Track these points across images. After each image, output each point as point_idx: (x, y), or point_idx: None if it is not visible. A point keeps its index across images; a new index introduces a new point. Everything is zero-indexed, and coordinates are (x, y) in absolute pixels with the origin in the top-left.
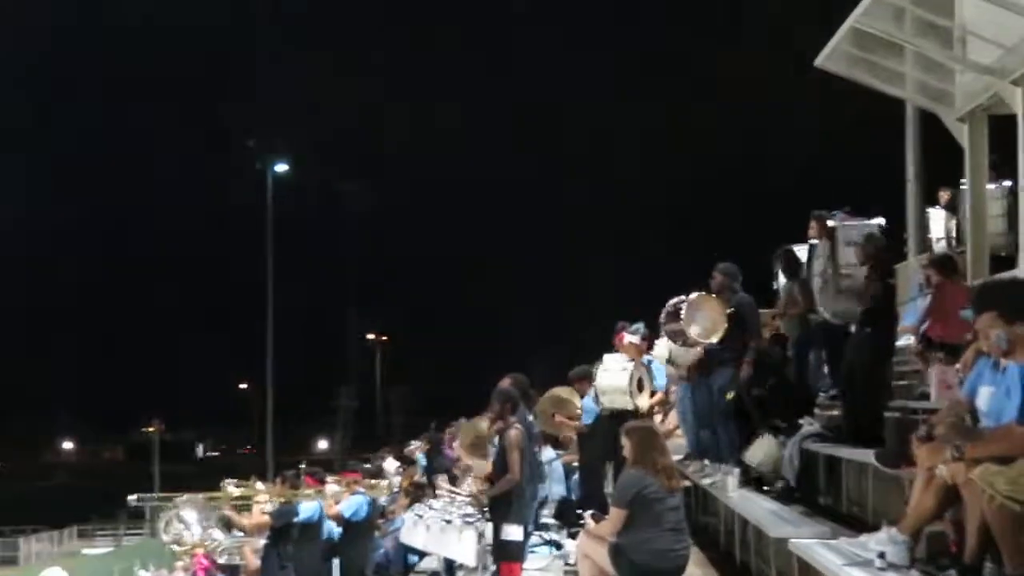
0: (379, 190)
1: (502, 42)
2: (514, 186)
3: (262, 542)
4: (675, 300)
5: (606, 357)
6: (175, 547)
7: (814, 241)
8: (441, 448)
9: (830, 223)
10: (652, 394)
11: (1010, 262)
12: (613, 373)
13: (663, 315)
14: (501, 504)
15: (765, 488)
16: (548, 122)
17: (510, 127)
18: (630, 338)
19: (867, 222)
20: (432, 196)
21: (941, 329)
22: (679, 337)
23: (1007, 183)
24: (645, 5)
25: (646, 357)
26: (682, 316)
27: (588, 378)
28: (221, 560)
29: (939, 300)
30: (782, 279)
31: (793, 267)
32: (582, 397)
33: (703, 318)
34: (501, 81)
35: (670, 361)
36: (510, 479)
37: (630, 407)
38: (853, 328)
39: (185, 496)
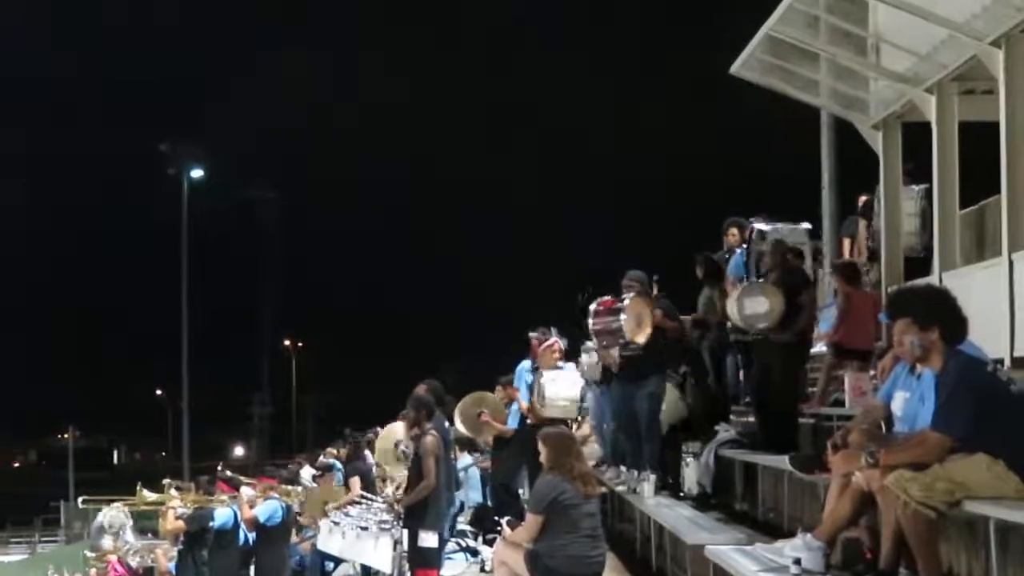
0: (294, 196)
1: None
2: (427, 190)
3: (176, 548)
4: (600, 300)
5: (547, 373)
6: (86, 553)
7: (734, 247)
8: (360, 453)
9: (760, 227)
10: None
11: (924, 264)
12: (561, 384)
13: (591, 314)
14: (417, 511)
15: (681, 495)
16: (470, 120)
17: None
18: (550, 341)
19: (794, 227)
20: (346, 201)
21: (847, 336)
22: (605, 336)
23: (924, 186)
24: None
25: (562, 365)
26: (623, 315)
27: (511, 383)
28: (133, 563)
29: (846, 308)
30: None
31: (713, 273)
32: (509, 403)
33: (631, 317)
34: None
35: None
36: (426, 485)
37: (567, 417)
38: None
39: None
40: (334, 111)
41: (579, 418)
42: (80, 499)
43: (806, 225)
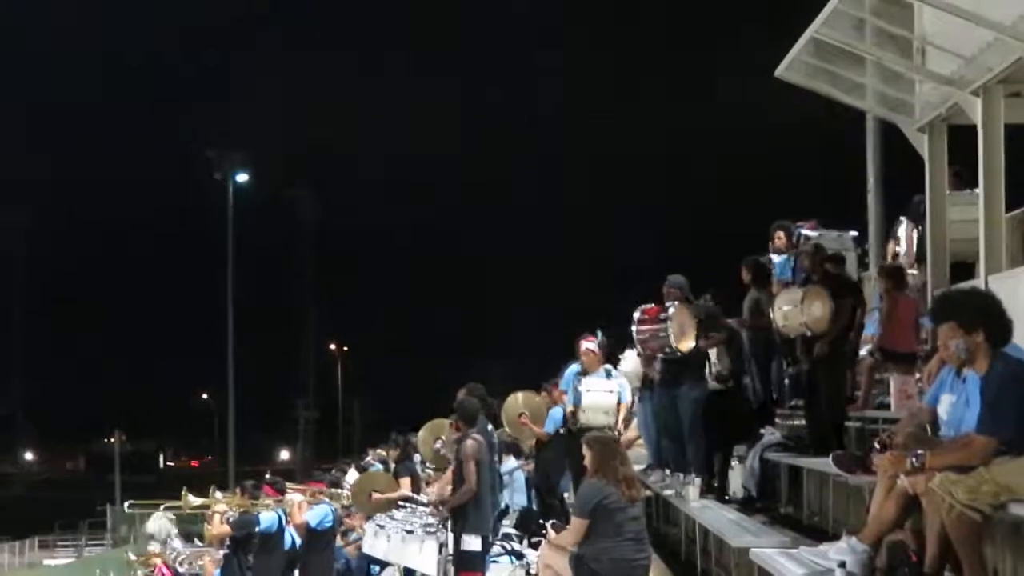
0: (338, 197)
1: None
2: (477, 192)
3: (222, 552)
4: (643, 308)
5: (586, 379)
6: (131, 556)
7: (781, 251)
8: (409, 454)
9: (807, 232)
10: (619, 406)
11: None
12: (597, 394)
13: (636, 322)
14: (460, 514)
15: (727, 498)
16: (511, 125)
17: (478, 131)
18: (587, 345)
19: (841, 233)
20: (395, 206)
21: (892, 340)
22: (651, 344)
23: (976, 191)
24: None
25: (603, 368)
26: (669, 323)
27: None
28: (181, 570)
29: (890, 311)
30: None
31: (760, 277)
32: (555, 405)
33: (676, 325)
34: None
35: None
36: (467, 490)
37: (606, 424)
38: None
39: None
40: (374, 110)
41: (619, 426)
42: (127, 503)
43: (853, 233)
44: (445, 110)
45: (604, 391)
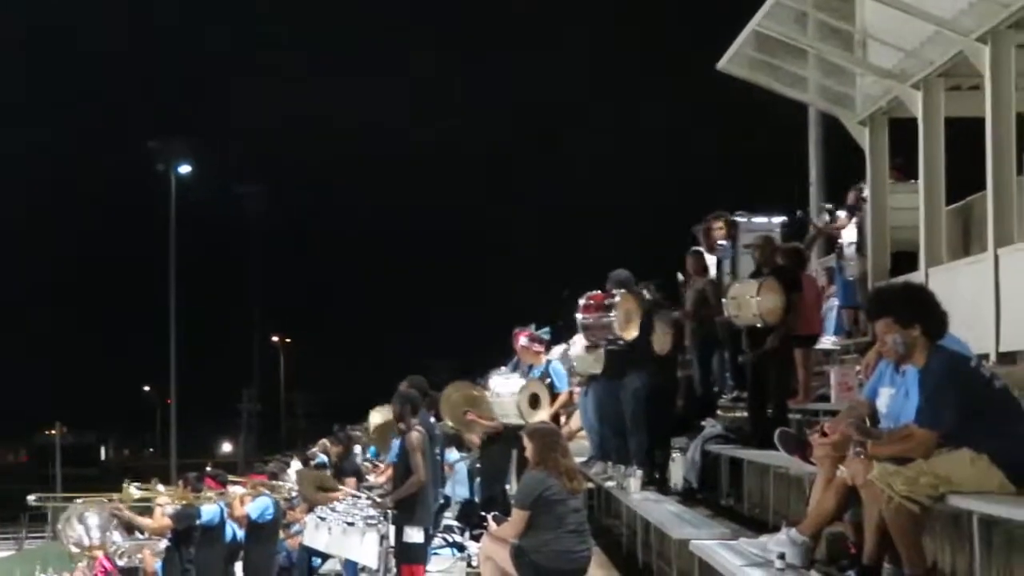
0: (282, 192)
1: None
2: (424, 188)
3: (162, 544)
4: (589, 295)
5: (495, 380)
6: (73, 549)
7: (722, 242)
8: (351, 453)
9: (736, 219)
10: (553, 399)
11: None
12: (504, 398)
13: (580, 308)
14: (404, 506)
15: (668, 490)
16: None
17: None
18: (523, 342)
19: (769, 219)
20: (335, 199)
21: (803, 323)
22: (595, 331)
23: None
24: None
25: (545, 359)
26: (614, 311)
27: None
28: (121, 563)
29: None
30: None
31: (704, 268)
32: None
33: (621, 313)
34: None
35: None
36: (415, 481)
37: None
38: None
39: (83, 499)
40: (323, 108)
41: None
42: (32, 497)
43: (780, 218)
44: (394, 104)
45: (507, 393)
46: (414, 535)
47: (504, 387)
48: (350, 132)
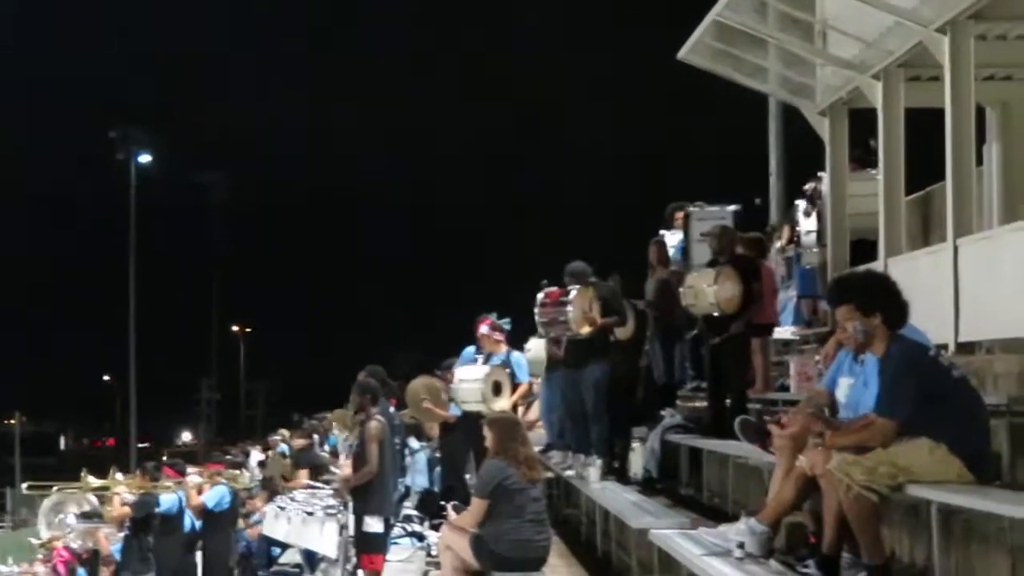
0: (241, 181)
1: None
2: (377, 176)
3: (122, 534)
4: (546, 291)
5: (460, 367)
6: (32, 540)
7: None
8: (311, 444)
9: (690, 209)
10: (514, 389)
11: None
12: (468, 384)
13: (538, 305)
14: (362, 496)
15: (628, 479)
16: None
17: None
18: (484, 330)
19: (722, 208)
20: (294, 187)
21: (759, 312)
22: (552, 327)
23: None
24: None
25: (504, 349)
26: (569, 307)
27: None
28: (74, 545)
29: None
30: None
31: (666, 258)
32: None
33: (576, 309)
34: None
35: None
36: (368, 471)
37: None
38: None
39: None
40: (286, 99)
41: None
42: (25, 485)
43: (733, 207)
44: (351, 87)
45: (471, 379)
46: (373, 524)
47: (468, 373)
48: (312, 119)
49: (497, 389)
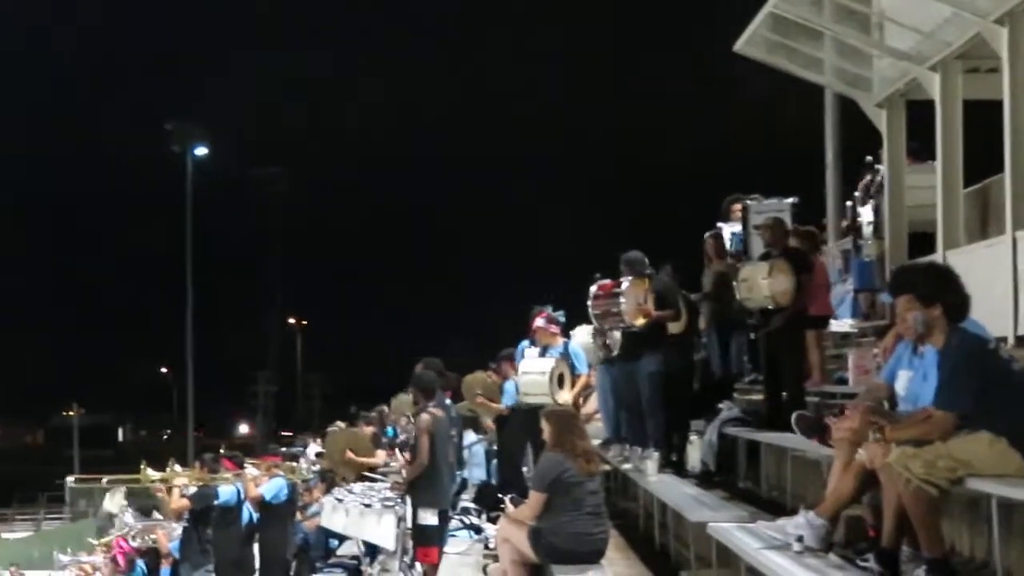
0: (299, 174)
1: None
2: (434, 171)
3: (181, 526)
4: (599, 284)
5: (525, 359)
6: (93, 541)
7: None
8: (382, 433)
9: (747, 202)
10: (573, 383)
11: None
12: (533, 376)
13: (591, 298)
14: (416, 489)
15: (685, 472)
16: (466, 106)
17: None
18: (540, 323)
19: (780, 200)
20: (354, 181)
21: (812, 305)
22: (606, 319)
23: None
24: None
25: (561, 341)
26: (622, 299)
27: (511, 360)
28: (135, 544)
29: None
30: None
31: (723, 251)
32: (505, 380)
33: (630, 300)
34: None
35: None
36: (418, 464)
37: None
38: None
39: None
40: (340, 88)
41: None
42: (70, 478)
43: (791, 200)
44: (418, 86)
45: (536, 372)
46: (428, 517)
47: (533, 366)
48: (372, 111)
49: (560, 381)
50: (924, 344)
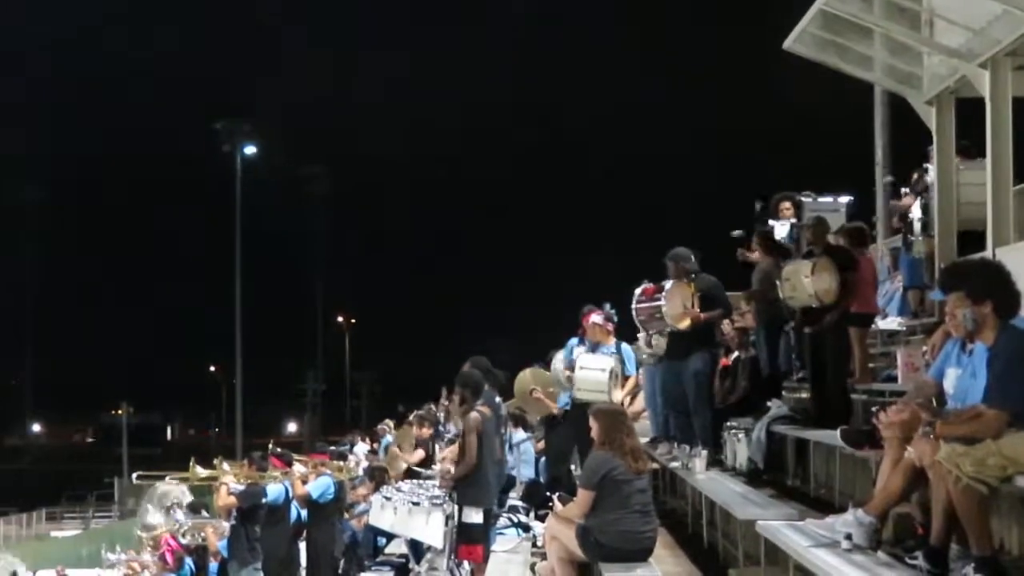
0: (346, 173)
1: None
2: (479, 171)
3: (229, 524)
4: (643, 287)
5: (582, 355)
6: (138, 532)
7: (791, 221)
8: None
9: (801, 199)
10: (623, 383)
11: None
12: (592, 372)
13: (635, 300)
14: (462, 487)
15: (733, 470)
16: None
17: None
18: (597, 319)
19: (835, 199)
20: (401, 180)
21: (856, 303)
22: (651, 323)
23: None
24: None
25: (613, 341)
26: (663, 302)
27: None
28: (184, 541)
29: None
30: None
31: (771, 249)
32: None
33: (671, 305)
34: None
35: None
36: (467, 463)
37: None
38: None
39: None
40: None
41: (624, 398)
42: (135, 475)
43: (846, 198)
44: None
45: (596, 368)
46: (472, 515)
47: (593, 362)
48: (419, 110)
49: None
50: (974, 341)
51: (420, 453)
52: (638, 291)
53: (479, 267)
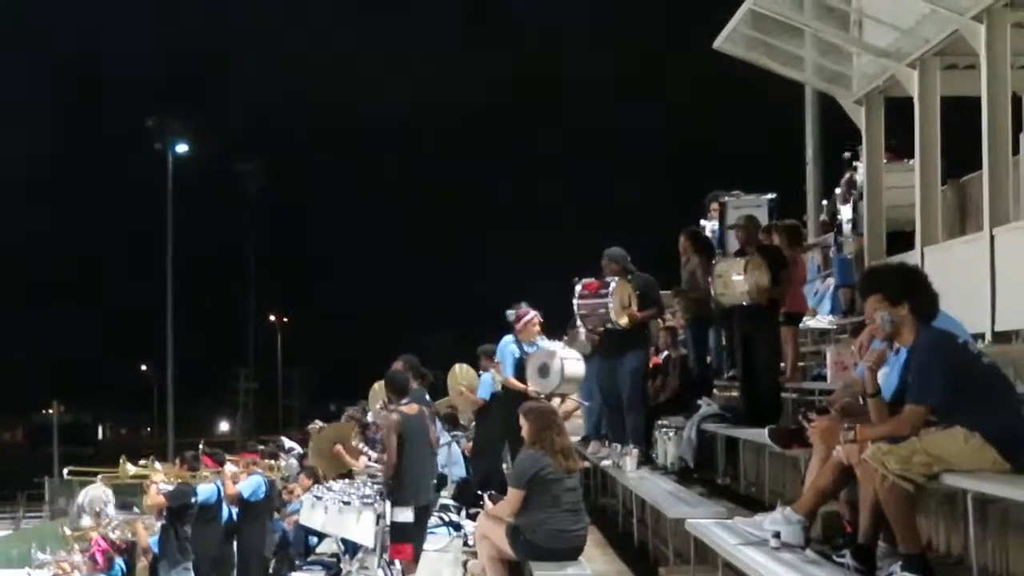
0: (277, 171)
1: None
2: (411, 165)
3: (159, 523)
4: (584, 283)
5: (560, 349)
6: (66, 531)
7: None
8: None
9: (724, 199)
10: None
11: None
12: (577, 363)
13: (577, 296)
14: (389, 486)
15: (664, 469)
16: (445, 99)
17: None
18: (534, 317)
19: (758, 197)
20: (329, 177)
21: (789, 300)
22: (591, 319)
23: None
24: None
25: (539, 338)
26: (609, 298)
27: (492, 355)
28: (113, 536)
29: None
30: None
31: (698, 247)
32: (483, 372)
33: (616, 300)
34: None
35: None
36: (387, 463)
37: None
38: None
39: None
40: (323, 87)
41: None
42: (65, 470)
43: (769, 196)
44: (395, 79)
45: (574, 358)
46: (399, 514)
47: (571, 353)
48: (348, 107)
49: (544, 372)
50: (895, 343)
51: (364, 460)
52: (579, 287)
53: (417, 264)
